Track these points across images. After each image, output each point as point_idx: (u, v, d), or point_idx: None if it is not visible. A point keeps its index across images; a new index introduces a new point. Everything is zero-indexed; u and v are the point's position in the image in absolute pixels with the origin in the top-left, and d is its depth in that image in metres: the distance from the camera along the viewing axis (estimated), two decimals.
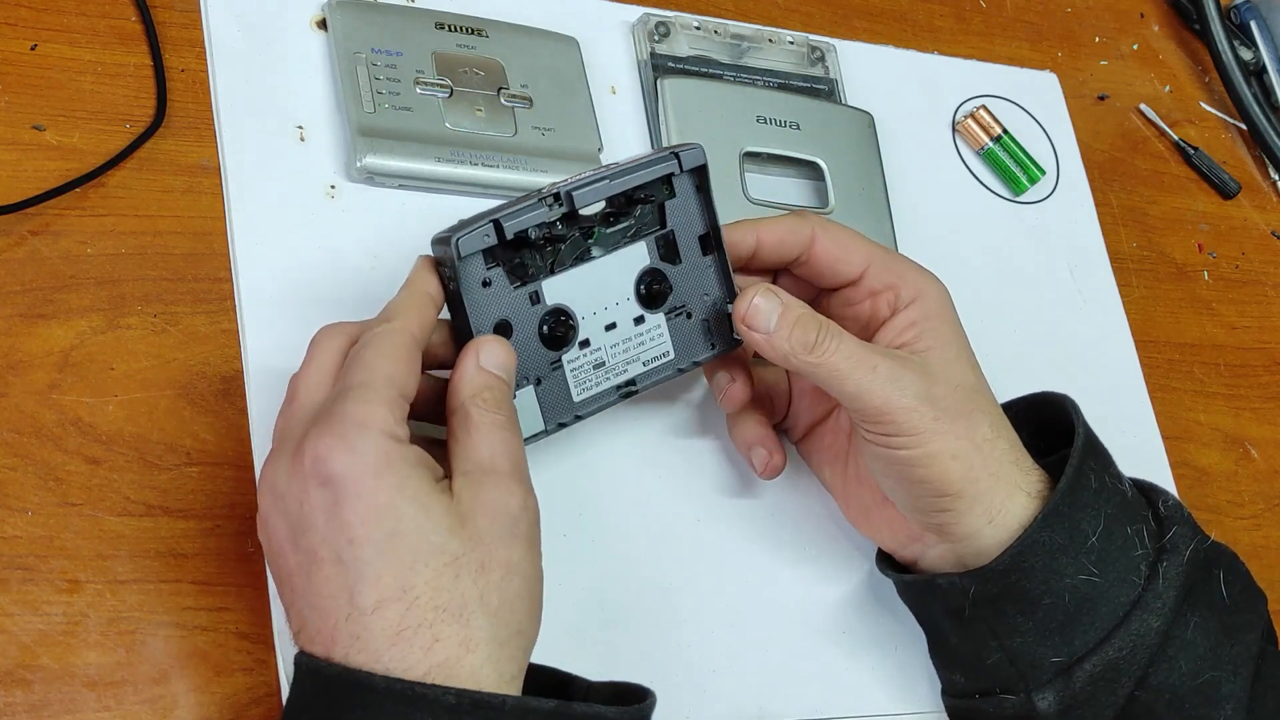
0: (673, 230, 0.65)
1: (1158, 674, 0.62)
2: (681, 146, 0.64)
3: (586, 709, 0.53)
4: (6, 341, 0.61)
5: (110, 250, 0.64)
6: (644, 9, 0.81)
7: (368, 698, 0.50)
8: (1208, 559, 0.65)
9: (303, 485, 0.52)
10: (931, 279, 0.67)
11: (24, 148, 0.64)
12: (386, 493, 0.52)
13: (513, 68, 0.74)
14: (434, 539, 0.52)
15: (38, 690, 0.56)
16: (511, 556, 0.54)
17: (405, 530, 0.52)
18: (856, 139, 0.81)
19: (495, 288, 0.61)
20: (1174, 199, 0.96)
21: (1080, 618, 0.62)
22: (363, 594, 0.51)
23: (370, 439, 0.52)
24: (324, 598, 0.52)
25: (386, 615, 0.51)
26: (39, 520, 0.58)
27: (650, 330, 0.66)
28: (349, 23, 0.71)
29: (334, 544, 0.52)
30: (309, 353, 0.57)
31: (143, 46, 0.69)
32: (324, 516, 0.52)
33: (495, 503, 0.54)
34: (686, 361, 0.67)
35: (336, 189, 0.69)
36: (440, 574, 0.52)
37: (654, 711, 0.56)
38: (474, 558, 0.53)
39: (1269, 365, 0.92)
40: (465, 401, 0.56)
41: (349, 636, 0.51)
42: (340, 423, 0.52)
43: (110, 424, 0.61)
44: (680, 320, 0.66)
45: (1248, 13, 1.00)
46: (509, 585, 0.53)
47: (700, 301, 0.66)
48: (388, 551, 0.51)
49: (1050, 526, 0.62)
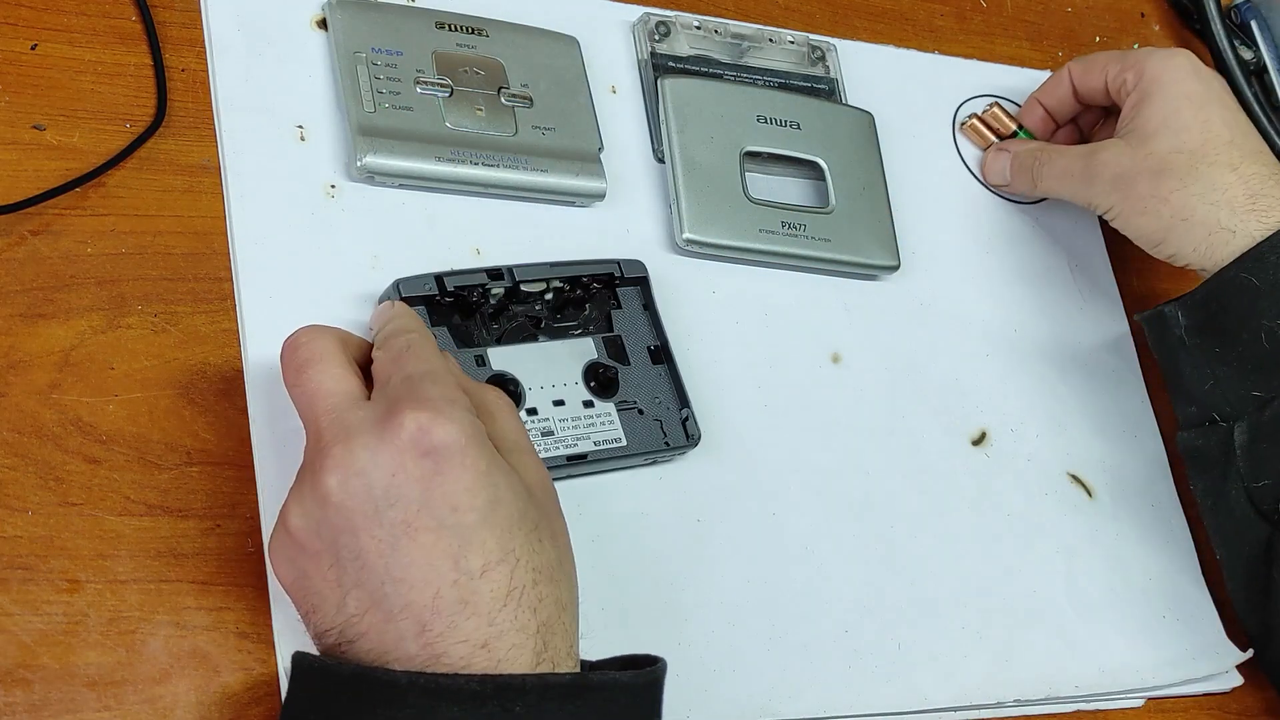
0: (620, 336, 0.67)
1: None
2: (628, 260, 0.69)
3: (602, 676, 0.54)
4: (6, 341, 0.61)
5: (110, 250, 0.64)
6: (644, 9, 0.80)
7: (390, 693, 0.51)
8: None
9: (397, 458, 0.53)
10: (1160, 57, 0.78)
11: (24, 148, 0.64)
12: (486, 461, 0.53)
13: (513, 67, 0.74)
14: (520, 505, 0.54)
15: (38, 690, 0.56)
16: (559, 526, 0.57)
17: (502, 497, 0.54)
18: (857, 139, 0.81)
19: (440, 345, 0.62)
20: None
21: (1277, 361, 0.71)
22: (469, 558, 0.52)
23: (464, 413, 0.54)
24: (421, 567, 0.52)
25: (494, 578, 0.52)
26: (39, 520, 0.58)
27: (600, 415, 0.67)
28: (349, 22, 0.71)
29: (435, 511, 0.52)
30: (305, 356, 0.57)
31: (143, 46, 0.69)
32: (421, 487, 0.52)
33: (539, 477, 0.57)
34: (640, 452, 0.67)
35: (336, 189, 0.69)
36: (529, 537, 0.54)
37: (665, 675, 0.56)
38: (546, 524, 0.56)
39: None
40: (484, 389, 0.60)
41: (456, 602, 0.52)
42: (436, 400, 0.54)
43: (110, 424, 0.61)
44: (632, 414, 0.67)
45: (1248, 12, 1.00)
46: (569, 552, 0.57)
47: (652, 402, 0.68)
48: (489, 517, 0.53)
49: (1246, 268, 0.71)
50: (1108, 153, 0.77)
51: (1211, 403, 0.74)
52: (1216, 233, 0.73)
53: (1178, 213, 0.74)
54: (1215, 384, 0.73)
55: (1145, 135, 0.76)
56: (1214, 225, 0.74)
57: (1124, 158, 0.76)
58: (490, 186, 0.71)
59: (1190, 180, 0.74)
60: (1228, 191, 0.74)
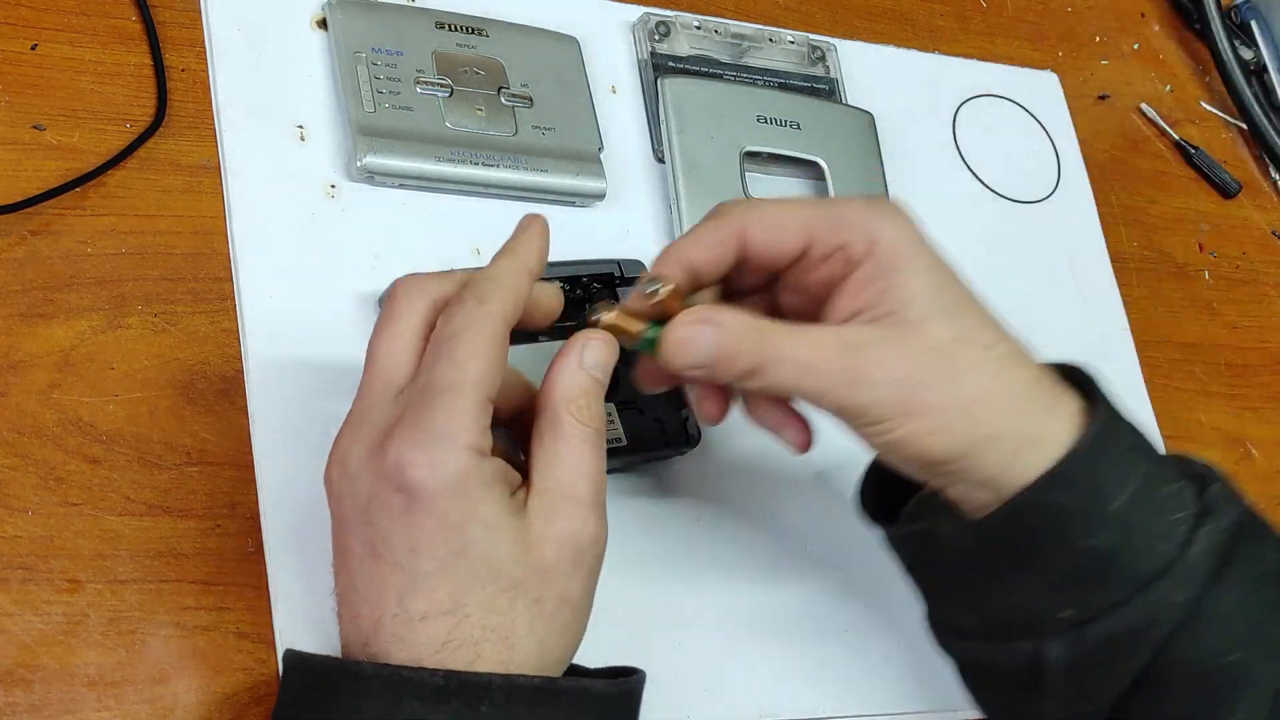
0: None
1: (1181, 645, 0.58)
2: (628, 260, 0.68)
3: (572, 683, 0.53)
4: (6, 341, 0.61)
5: (110, 250, 0.64)
6: (644, 9, 0.81)
7: (356, 685, 0.51)
8: (1255, 526, 0.61)
9: (378, 482, 0.52)
10: (885, 219, 0.58)
11: (24, 147, 0.64)
12: (459, 513, 0.51)
13: (513, 67, 0.74)
14: (496, 564, 0.52)
15: (38, 690, 0.56)
16: (570, 589, 0.53)
17: (470, 552, 0.51)
18: (857, 138, 0.81)
19: None
20: (1174, 199, 0.96)
21: (1095, 579, 0.57)
22: (414, 601, 0.51)
23: (454, 455, 0.51)
24: (374, 590, 0.52)
25: (434, 626, 0.51)
26: (39, 520, 0.58)
27: None
28: (349, 22, 0.71)
29: (395, 547, 0.51)
30: (388, 312, 0.55)
31: (143, 46, 0.68)
32: (390, 518, 0.51)
33: (566, 534, 0.53)
34: (640, 452, 0.67)
35: (336, 189, 0.69)
36: (495, 597, 0.52)
37: (643, 688, 0.55)
38: (533, 586, 0.52)
39: (1270, 365, 0.92)
40: (559, 405, 0.54)
41: (392, 635, 0.51)
42: (427, 434, 0.51)
43: (110, 424, 0.61)
44: (632, 414, 0.67)
45: (1248, 12, 1.00)
46: (559, 617, 0.53)
47: (652, 402, 0.67)
48: (448, 568, 0.51)
49: (1056, 488, 0.56)
50: (876, 349, 0.56)
51: (1007, 621, 0.60)
52: (1025, 445, 0.57)
53: (981, 427, 0.56)
54: (1012, 603, 0.59)
55: (912, 322, 0.56)
56: (1021, 436, 0.57)
57: (900, 354, 0.56)
58: (490, 186, 0.71)
59: (988, 381, 0.57)
60: (1032, 389, 0.58)
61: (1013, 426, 0.57)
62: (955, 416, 0.56)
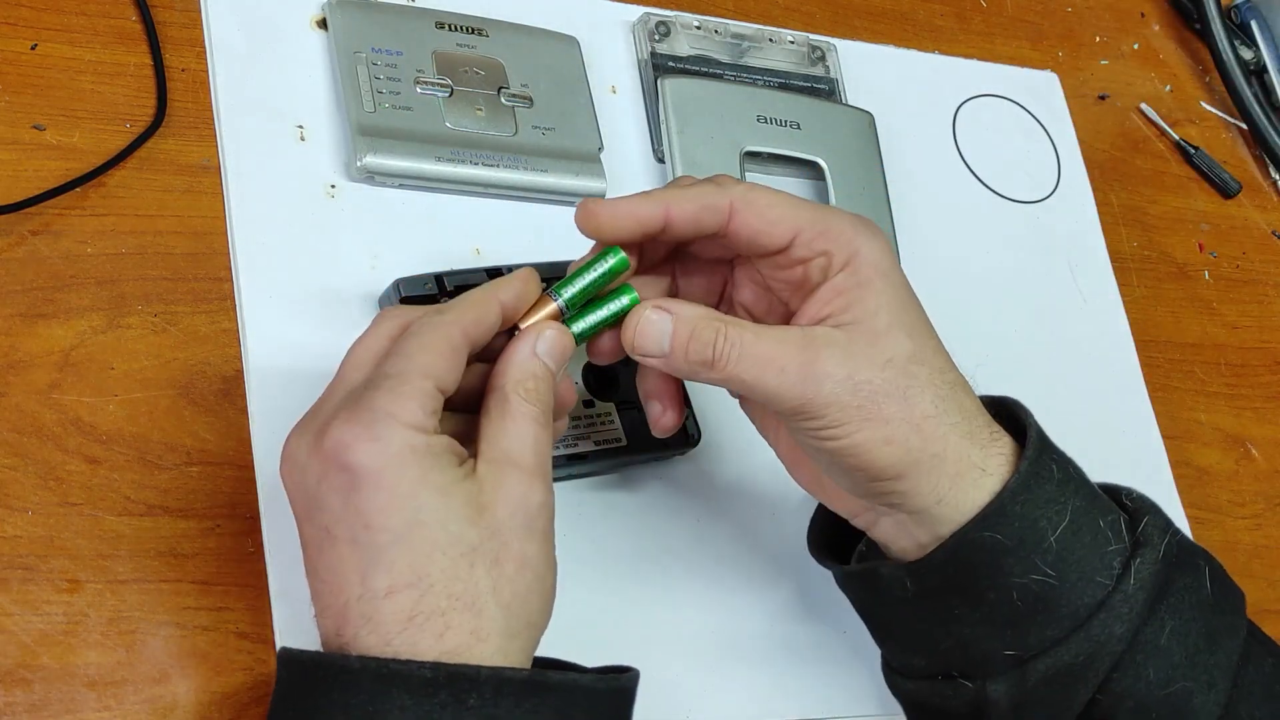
0: None
1: (1123, 680, 0.59)
2: None
3: (562, 677, 0.53)
4: (6, 341, 0.61)
5: (110, 250, 0.64)
6: (644, 9, 0.81)
7: (345, 678, 0.51)
8: (1185, 554, 0.62)
9: (322, 466, 0.52)
10: (867, 237, 0.59)
11: (24, 147, 0.64)
12: (408, 483, 0.52)
13: (513, 67, 0.74)
14: (453, 528, 0.52)
15: (38, 690, 0.56)
16: (527, 550, 0.54)
17: (425, 520, 0.52)
18: (857, 138, 0.81)
19: None
20: (1174, 199, 0.96)
21: (1034, 616, 0.59)
22: (376, 578, 0.51)
23: (394, 431, 0.52)
24: (336, 575, 0.52)
25: (399, 600, 0.51)
26: (39, 520, 0.58)
27: (600, 415, 0.67)
28: (349, 22, 0.71)
29: (350, 525, 0.52)
30: (364, 332, 0.57)
31: (143, 46, 0.69)
32: (341, 498, 0.52)
33: (516, 497, 0.54)
34: (640, 452, 0.67)
35: (336, 188, 0.69)
36: (456, 563, 0.52)
37: (637, 687, 0.55)
38: (490, 549, 0.53)
39: (1270, 365, 0.92)
40: (507, 386, 0.56)
41: (360, 617, 0.51)
42: (367, 412, 0.52)
43: (110, 424, 0.61)
44: (632, 414, 0.67)
45: (1248, 12, 1.00)
46: (521, 579, 0.53)
47: None
48: (405, 539, 0.52)
49: (992, 525, 0.58)
50: (838, 349, 0.57)
51: (951, 660, 0.61)
52: (967, 471, 0.58)
53: (930, 445, 0.58)
54: (955, 642, 0.60)
55: (876, 332, 0.58)
56: (964, 461, 0.58)
57: (860, 356, 0.57)
58: (490, 186, 0.71)
59: (939, 403, 0.58)
60: (976, 418, 0.59)
61: (956, 451, 0.58)
62: (907, 430, 0.57)
